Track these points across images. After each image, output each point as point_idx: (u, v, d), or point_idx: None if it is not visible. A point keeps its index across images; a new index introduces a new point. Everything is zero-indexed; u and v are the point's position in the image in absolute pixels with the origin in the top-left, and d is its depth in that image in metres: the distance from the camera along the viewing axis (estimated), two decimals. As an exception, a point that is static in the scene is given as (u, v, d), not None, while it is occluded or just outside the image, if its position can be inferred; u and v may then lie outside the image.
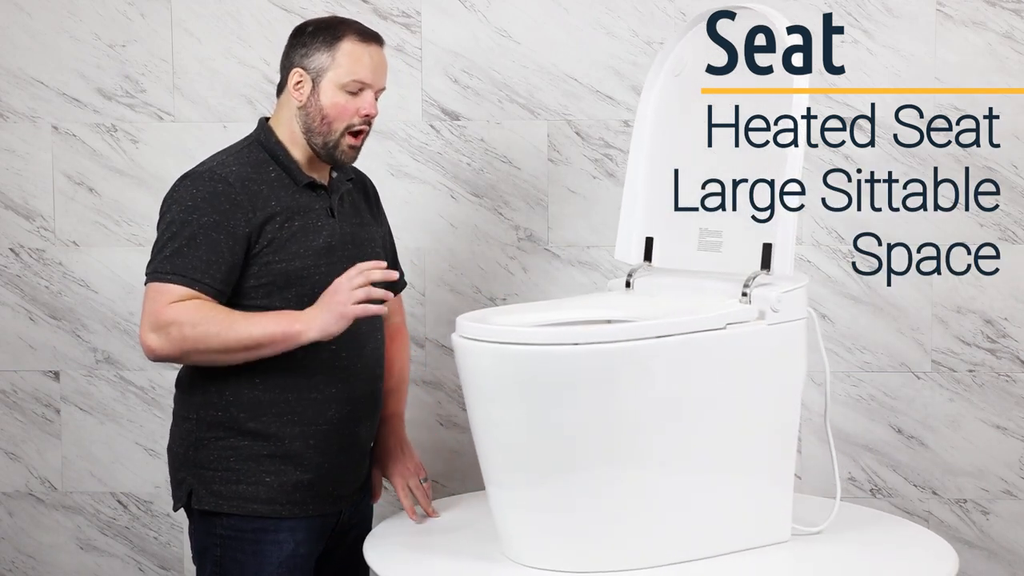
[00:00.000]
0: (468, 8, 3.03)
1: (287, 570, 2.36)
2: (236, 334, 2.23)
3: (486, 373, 2.17)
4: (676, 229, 2.50)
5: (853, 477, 3.06)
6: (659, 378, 2.16)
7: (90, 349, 3.12)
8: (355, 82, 2.34)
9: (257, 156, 2.37)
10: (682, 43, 2.55)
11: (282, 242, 2.32)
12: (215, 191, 2.29)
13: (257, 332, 2.24)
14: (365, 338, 2.40)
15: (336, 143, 2.35)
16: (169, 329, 2.23)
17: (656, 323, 2.16)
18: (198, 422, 2.36)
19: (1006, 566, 3.05)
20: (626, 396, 2.13)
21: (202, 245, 2.27)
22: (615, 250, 2.58)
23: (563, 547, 2.20)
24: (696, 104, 2.49)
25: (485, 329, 2.16)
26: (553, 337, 2.13)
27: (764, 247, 2.40)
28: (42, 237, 3.10)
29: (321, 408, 2.35)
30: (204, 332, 2.23)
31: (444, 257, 3.07)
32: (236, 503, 2.34)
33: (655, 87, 2.56)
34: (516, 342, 2.12)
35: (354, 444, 2.42)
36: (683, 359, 2.18)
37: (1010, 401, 3.03)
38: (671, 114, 2.55)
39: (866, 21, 2.99)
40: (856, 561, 2.30)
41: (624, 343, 2.13)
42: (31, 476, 3.15)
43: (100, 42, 3.07)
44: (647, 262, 2.54)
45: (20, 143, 3.09)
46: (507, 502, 2.23)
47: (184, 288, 2.25)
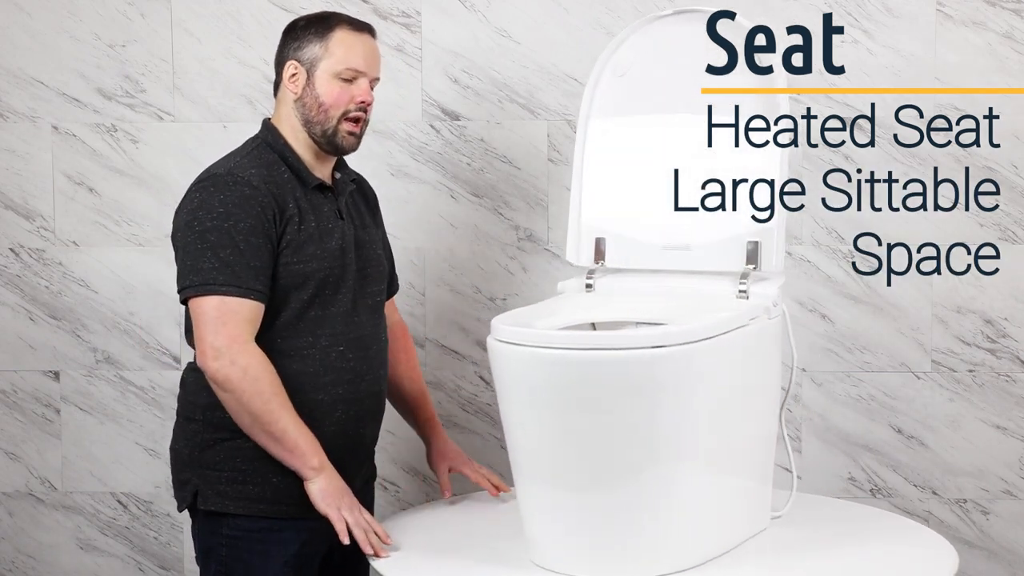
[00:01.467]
0: (468, 8, 3.03)
1: (292, 570, 2.36)
2: (273, 419, 2.26)
3: (526, 378, 2.15)
4: (636, 229, 2.49)
5: (853, 477, 3.06)
6: (699, 380, 2.15)
7: (90, 349, 3.12)
8: (349, 70, 2.36)
9: (268, 157, 2.37)
10: (627, 44, 2.55)
11: (300, 243, 2.32)
12: (244, 195, 2.28)
13: (292, 431, 2.27)
14: (370, 340, 2.40)
15: (335, 130, 2.36)
16: (242, 367, 2.24)
17: (701, 325, 2.15)
18: (204, 423, 2.35)
19: (1006, 566, 3.05)
20: (668, 400, 2.12)
21: (246, 252, 2.26)
22: (566, 253, 2.56)
23: (596, 553, 2.18)
24: (643, 103, 2.49)
25: (527, 333, 2.14)
26: (599, 342, 2.11)
27: (750, 244, 2.42)
28: (42, 237, 3.10)
29: (328, 409, 2.35)
30: (259, 389, 2.24)
31: (444, 257, 3.07)
32: (243, 504, 2.34)
33: (598, 87, 2.57)
34: (561, 347, 2.10)
35: (360, 445, 2.43)
36: (721, 360, 2.18)
37: (1010, 401, 3.03)
38: (618, 114, 2.55)
39: (866, 21, 2.99)
40: (855, 560, 2.31)
41: (675, 347, 2.11)
42: (31, 476, 3.15)
43: (100, 42, 3.07)
44: (600, 263, 2.53)
45: (20, 143, 3.09)
46: (538, 506, 2.22)
47: (242, 300, 2.25)
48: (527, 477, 2.22)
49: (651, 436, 2.12)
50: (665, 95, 2.53)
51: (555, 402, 2.13)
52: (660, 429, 2.12)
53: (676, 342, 2.11)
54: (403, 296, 3.04)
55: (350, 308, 2.38)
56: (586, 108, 2.58)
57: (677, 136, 2.51)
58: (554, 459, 2.17)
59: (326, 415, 2.35)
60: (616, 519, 2.16)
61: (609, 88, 2.56)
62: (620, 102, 2.54)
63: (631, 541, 2.17)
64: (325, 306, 2.35)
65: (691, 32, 2.52)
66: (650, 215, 2.50)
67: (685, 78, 2.51)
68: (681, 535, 2.19)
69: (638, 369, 2.09)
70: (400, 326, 2.65)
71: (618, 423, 2.11)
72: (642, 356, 2.09)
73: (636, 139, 2.53)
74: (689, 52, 2.52)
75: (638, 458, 2.13)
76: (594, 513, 2.17)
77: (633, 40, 2.56)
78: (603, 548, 2.18)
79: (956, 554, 2.33)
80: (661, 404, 2.12)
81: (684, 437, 2.15)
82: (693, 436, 2.16)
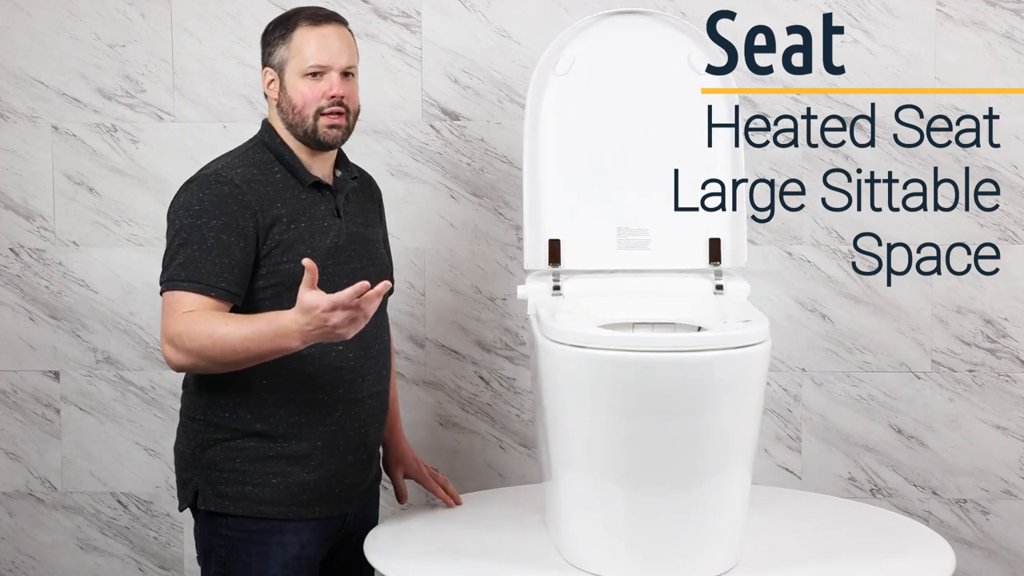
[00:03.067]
0: (468, 8, 3.03)
1: (292, 572, 2.35)
2: (226, 339, 2.21)
3: (579, 378, 2.15)
4: (589, 229, 2.48)
5: (853, 477, 3.06)
6: (763, 380, 2.17)
7: (90, 349, 3.12)
8: (313, 66, 2.34)
9: (262, 157, 2.37)
10: (572, 43, 2.55)
11: (289, 243, 2.32)
12: (222, 193, 2.29)
13: (248, 331, 2.20)
14: (371, 339, 2.39)
15: (314, 128, 2.35)
16: (177, 341, 2.24)
17: (758, 328, 2.16)
18: (205, 423, 2.35)
19: (1006, 566, 3.05)
20: (722, 403, 2.13)
21: (214, 249, 2.26)
22: (525, 260, 2.49)
23: (637, 554, 2.19)
24: (587, 103, 2.48)
25: (581, 334, 2.15)
26: (678, 344, 2.12)
27: (711, 241, 2.43)
28: (42, 237, 3.10)
29: (329, 409, 2.35)
30: (200, 345, 2.22)
31: (444, 257, 3.07)
32: (242, 504, 2.33)
33: (545, 87, 2.55)
34: (617, 348, 2.10)
35: (362, 445, 2.41)
36: (764, 362, 2.20)
37: (1010, 401, 3.03)
38: (565, 114, 2.54)
39: (866, 21, 2.99)
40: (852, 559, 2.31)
41: (759, 345, 2.14)
42: (31, 476, 3.15)
43: (100, 42, 3.07)
44: (553, 264, 2.50)
45: (20, 143, 3.09)
46: (581, 504, 2.22)
47: (198, 295, 2.25)
48: (575, 475, 2.21)
49: (703, 438, 2.13)
50: (608, 94, 2.53)
51: (620, 404, 2.12)
52: (712, 430, 2.14)
53: (758, 340, 2.14)
54: (403, 296, 3.04)
55: None
56: (533, 110, 2.56)
57: (622, 135, 2.51)
58: (616, 460, 2.16)
59: (326, 415, 2.35)
60: (667, 521, 2.16)
61: (555, 88, 2.55)
62: (566, 102, 2.53)
63: (676, 544, 2.18)
64: None
65: (632, 32, 2.52)
66: (601, 215, 2.49)
67: (627, 77, 2.51)
68: (728, 538, 2.21)
69: (730, 368, 2.11)
70: (388, 319, 2.63)
71: (671, 425, 2.11)
72: (736, 355, 2.11)
73: (584, 138, 2.52)
74: (631, 51, 2.52)
75: (688, 461, 2.14)
76: (643, 514, 2.16)
77: (577, 40, 2.54)
78: (646, 550, 2.18)
79: (953, 554, 2.33)
80: (734, 406, 2.13)
81: (741, 440, 2.17)
82: (738, 435, 2.17)
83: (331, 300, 2.12)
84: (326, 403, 2.34)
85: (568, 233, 2.50)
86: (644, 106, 2.56)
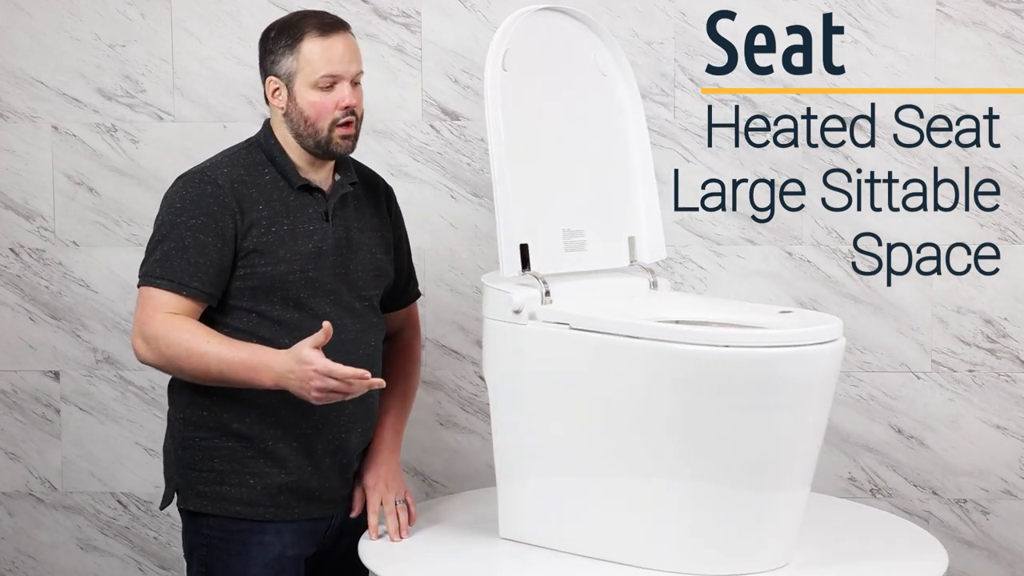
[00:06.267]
0: (468, 8, 3.03)
1: (273, 572, 2.35)
2: (204, 358, 2.23)
3: (655, 373, 2.16)
4: (544, 233, 2.43)
5: (853, 477, 3.06)
6: (819, 378, 2.21)
7: (90, 349, 3.12)
8: (325, 78, 2.32)
9: (254, 158, 2.36)
10: (507, 39, 2.39)
11: (268, 245, 2.31)
12: (203, 192, 2.29)
13: (228, 355, 2.23)
14: (352, 345, 2.36)
15: (328, 139, 2.33)
16: (152, 342, 2.26)
17: (820, 328, 2.20)
18: (185, 421, 2.36)
19: (1006, 566, 3.05)
20: (807, 396, 2.18)
21: (190, 248, 2.27)
22: (501, 269, 2.35)
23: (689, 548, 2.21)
24: (525, 102, 2.40)
25: (651, 328, 2.16)
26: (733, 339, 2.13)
27: (629, 240, 2.43)
28: (42, 237, 3.10)
29: (305, 411, 2.32)
30: (175, 353, 2.24)
31: (444, 257, 3.07)
32: (220, 504, 2.33)
33: (496, 88, 2.36)
34: (697, 343, 2.13)
35: (341, 449, 2.38)
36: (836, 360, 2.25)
37: (1010, 401, 3.03)
38: (510, 113, 2.39)
39: (866, 21, 2.99)
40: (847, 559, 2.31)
41: (834, 342, 2.19)
42: (31, 476, 3.15)
43: (100, 42, 3.07)
44: (525, 270, 2.38)
45: (20, 143, 3.09)
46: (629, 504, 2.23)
47: (172, 294, 2.27)
48: (627, 473, 2.22)
49: (764, 436, 2.15)
50: (540, 93, 2.46)
51: (688, 397, 2.14)
52: (776, 427, 2.16)
53: (832, 337, 2.18)
54: (403, 296, 3.04)
55: (329, 312, 2.34)
56: (491, 109, 2.37)
57: (554, 135, 2.46)
58: (689, 455, 2.17)
59: (303, 416, 2.33)
60: (722, 518, 2.18)
61: (500, 85, 2.38)
62: (511, 100, 2.38)
63: (735, 537, 2.20)
64: (301, 309, 2.32)
65: (551, 31, 2.48)
66: (550, 218, 2.44)
67: (551, 76, 2.45)
68: (783, 535, 2.22)
69: (809, 364, 2.16)
70: (410, 331, 2.59)
71: (734, 422, 2.13)
72: (811, 352, 2.16)
73: (528, 138, 2.43)
74: (553, 50, 2.48)
75: (748, 456, 2.16)
76: (706, 510, 2.18)
77: (511, 36, 2.39)
78: (709, 544, 2.20)
79: (945, 552, 2.33)
80: (804, 402, 2.17)
81: (805, 438, 2.20)
82: (792, 431, 2.19)
83: (328, 367, 2.16)
84: (303, 405, 2.29)
85: (533, 237, 2.41)
86: (568, 106, 2.49)
